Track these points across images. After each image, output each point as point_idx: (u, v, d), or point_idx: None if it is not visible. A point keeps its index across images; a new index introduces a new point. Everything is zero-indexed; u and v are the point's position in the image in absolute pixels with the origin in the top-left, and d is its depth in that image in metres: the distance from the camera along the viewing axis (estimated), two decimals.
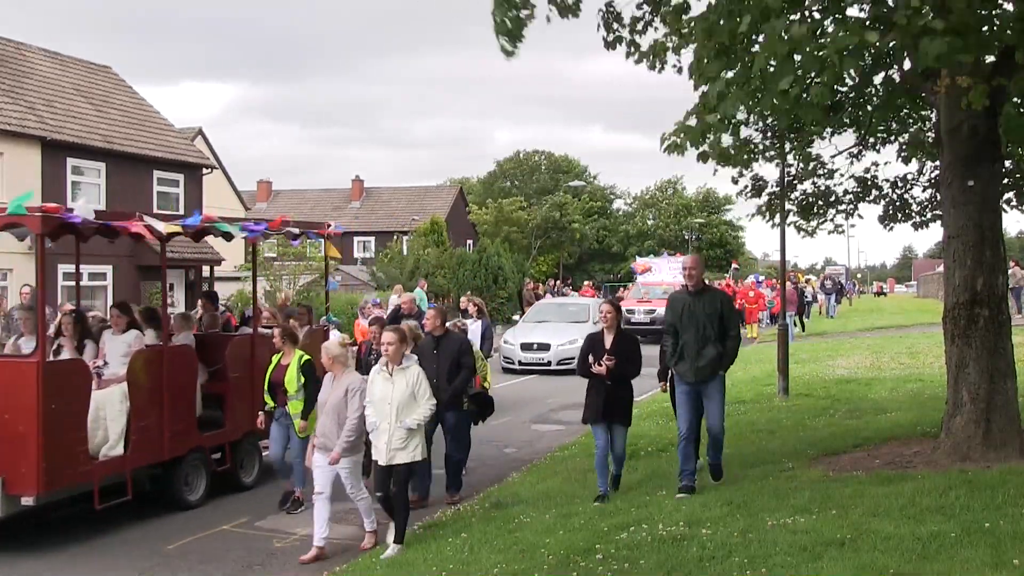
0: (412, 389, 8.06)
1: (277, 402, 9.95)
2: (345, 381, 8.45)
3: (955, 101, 8.58)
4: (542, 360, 22.50)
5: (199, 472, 10.37)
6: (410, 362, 8.22)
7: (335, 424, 8.30)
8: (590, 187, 74.24)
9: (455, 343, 10.07)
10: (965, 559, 6.02)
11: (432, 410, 8.26)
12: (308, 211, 58.91)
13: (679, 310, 8.92)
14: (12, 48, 29.09)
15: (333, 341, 8.96)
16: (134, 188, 28.98)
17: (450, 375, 9.79)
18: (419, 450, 8.10)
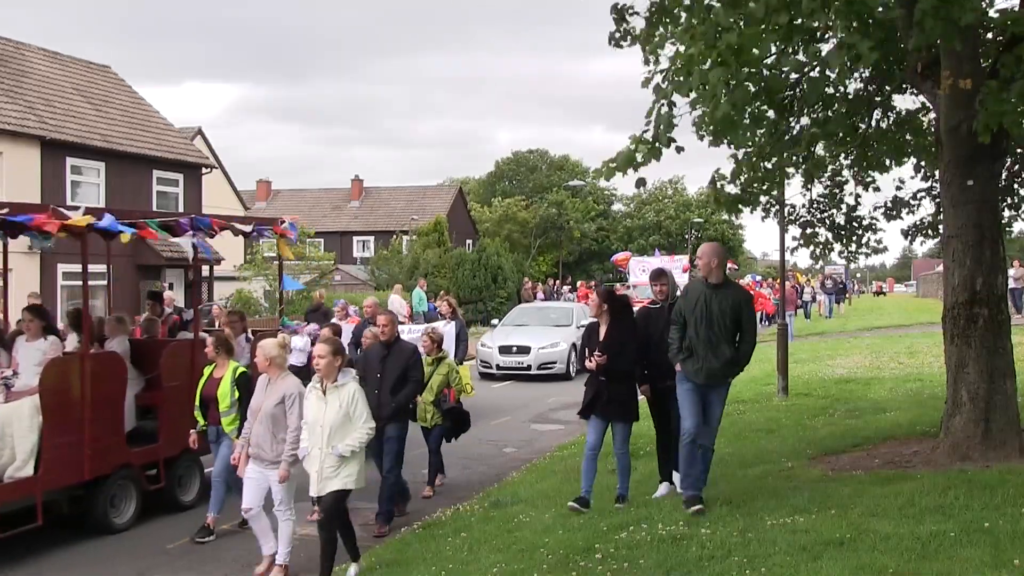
0: (347, 410, 7.28)
1: (208, 419, 9.18)
2: (282, 386, 7.85)
3: (954, 101, 8.61)
4: (521, 364, 21.52)
5: (127, 492, 9.52)
6: (346, 379, 7.41)
7: (268, 433, 7.72)
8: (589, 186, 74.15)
9: (404, 354, 9.31)
10: (964, 559, 6.03)
11: (370, 434, 7.43)
12: (307, 211, 58.93)
13: (693, 301, 8.05)
14: (12, 48, 29.11)
15: (270, 341, 8.14)
16: (133, 188, 29.01)
17: (395, 388, 9.10)
18: (353, 478, 7.33)
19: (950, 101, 8.72)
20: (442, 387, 10.39)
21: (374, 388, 8.84)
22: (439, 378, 10.36)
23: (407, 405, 9.32)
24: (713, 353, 7.91)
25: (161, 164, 30.47)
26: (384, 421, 8.85)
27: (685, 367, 8.05)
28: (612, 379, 8.40)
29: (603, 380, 8.40)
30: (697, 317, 7.96)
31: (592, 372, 8.48)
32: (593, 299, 8.83)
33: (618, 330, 8.55)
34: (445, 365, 10.51)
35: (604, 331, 8.56)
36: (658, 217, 75.83)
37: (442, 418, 10.31)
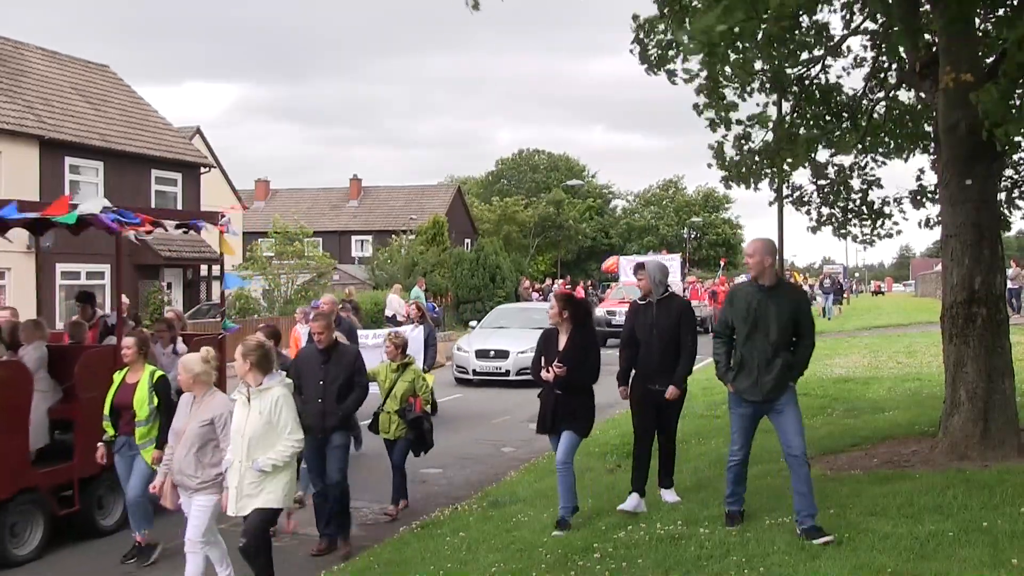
0: (269, 418, 6.49)
1: (119, 430, 8.26)
2: (211, 407, 6.94)
3: (953, 99, 8.61)
4: (499, 369, 20.27)
5: (31, 518, 8.40)
6: (272, 382, 6.60)
7: (193, 457, 6.82)
8: (588, 185, 74.22)
9: (347, 358, 8.56)
10: (963, 558, 6.03)
11: (297, 447, 6.64)
12: (306, 210, 58.87)
13: (744, 308, 7.05)
14: (10, 47, 29.10)
15: (193, 356, 7.10)
16: (132, 187, 29.00)
17: (341, 395, 8.38)
18: (277, 496, 6.58)
19: (948, 100, 8.73)
20: (407, 395, 9.65)
21: (316, 397, 8.28)
22: (404, 385, 9.66)
23: (354, 413, 8.66)
24: (768, 366, 6.96)
25: (160, 163, 30.48)
26: (329, 432, 8.31)
27: (737, 386, 7.12)
28: (568, 392, 7.82)
29: (558, 393, 7.82)
30: (750, 327, 6.98)
31: (547, 384, 7.87)
32: (551, 304, 8.11)
33: (580, 339, 7.94)
34: (410, 372, 9.80)
35: (564, 340, 7.92)
36: (657, 220, 75.85)
37: (407, 430, 9.58)
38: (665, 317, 8.25)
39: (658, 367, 8.15)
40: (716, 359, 7.36)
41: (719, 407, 14.49)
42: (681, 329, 8.29)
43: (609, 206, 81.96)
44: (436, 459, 12.29)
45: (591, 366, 7.93)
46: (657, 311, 8.27)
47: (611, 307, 30.96)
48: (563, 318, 7.96)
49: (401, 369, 9.81)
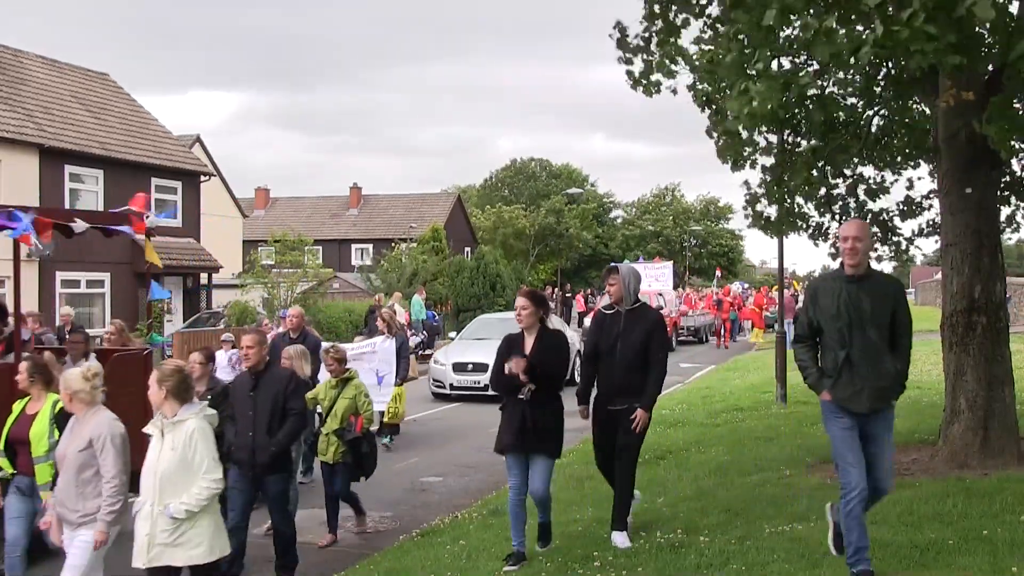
0: (183, 454, 5.56)
1: (17, 466, 7.11)
2: (89, 426, 5.98)
3: (952, 109, 8.63)
4: (477, 383, 19.13)
5: None
6: (188, 413, 5.68)
7: (72, 486, 5.91)
8: (587, 193, 74.24)
9: (279, 381, 7.52)
10: (963, 566, 6.03)
11: (215, 488, 5.62)
12: (305, 218, 58.99)
13: (833, 303, 6.07)
14: (10, 55, 29.15)
15: (74, 372, 6.22)
16: (132, 195, 28.94)
17: (272, 426, 7.36)
18: (203, 547, 5.63)
19: (948, 110, 8.75)
20: (348, 414, 8.88)
21: (247, 430, 7.36)
22: (344, 403, 8.91)
23: (289, 447, 7.59)
24: (876, 368, 5.97)
25: (159, 172, 30.49)
26: (261, 470, 7.36)
27: (837, 394, 6.03)
28: (539, 402, 6.98)
29: (524, 402, 6.95)
30: (844, 323, 6.01)
31: (511, 394, 7.04)
32: (523, 304, 7.15)
33: (549, 341, 7.15)
34: (352, 387, 9.03)
35: (532, 343, 7.10)
36: (656, 227, 75.90)
37: (345, 452, 8.80)
38: (633, 329, 7.29)
39: (621, 385, 7.23)
40: (802, 365, 6.31)
41: (719, 415, 14.51)
42: (651, 344, 7.26)
43: (610, 215, 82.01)
44: (436, 468, 12.31)
45: (561, 374, 7.22)
46: (625, 322, 7.33)
47: None
48: (536, 317, 7.15)
49: (341, 385, 9.06)
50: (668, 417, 14.72)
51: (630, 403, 7.21)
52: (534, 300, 7.20)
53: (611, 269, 7.62)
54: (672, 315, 31.19)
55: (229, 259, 36.59)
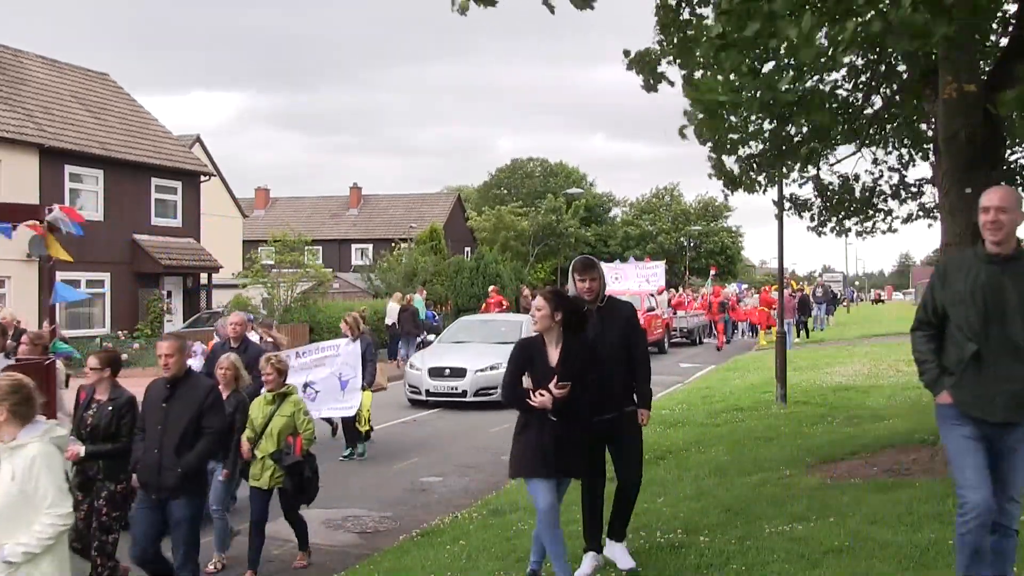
0: (23, 485, 4.73)
1: None
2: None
3: (952, 109, 8.64)
4: (455, 389, 18.04)
5: None
6: (28, 436, 4.83)
7: None
8: (587, 193, 74.20)
9: (196, 393, 6.61)
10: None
11: (60, 524, 4.74)
12: (305, 218, 59.01)
13: (963, 285, 5.06)
14: (10, 55, 29.16)
15: None
16: (132, 195, 29.04)
17: (184, 444, 6.47)
18: None
19: (948, 109, 8.76)
20: (286, 433, 7.89)
21: (154, 446, 6.53)
22: (281, 421, 7.90)
23: (200, 468, 6.70)
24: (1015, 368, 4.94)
25: (159, 172, 30.51)
26: (167, 493, 6.51)
27: (959, 396, 5.07)
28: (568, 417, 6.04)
29: (555, 422, 6.00)
30: (977, 312, 4.98)
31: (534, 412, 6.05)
32: (539, 305, 6.19)
33: (578, 351, 6.17)
34: (290, 404, 8.02)
35: (558, 352, 6.12)
36: (654, 228, 75.89)
37: (283, 477, 7.83)
38: (611, 327, 6.63)
39: (605, 390, 6.43)
40: (920, 358, 5.31)
41: (719, 415, 14.51)
42: (632, 339, 6.71)
43: (609, 215, 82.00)
44: (436, 468, 12.31)
45: (591, 385, 6.16)
46: (600, 320, 6.59)
47: None
48: (555, 321, 6.12)
49: (279, 400, 8.03)
50: (668, 417, 14.72)
51: (616, 409, 6.57)
52: (550, 300, 6.16)
53: (587, 263, 6.75)
54: (664, 316, 30.81)
55: (229, 259, 36.60)
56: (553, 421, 6.00)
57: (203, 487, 7.00)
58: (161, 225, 30.32)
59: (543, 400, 5.94)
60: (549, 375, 6.02)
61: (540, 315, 6.16)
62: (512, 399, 6.25)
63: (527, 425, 6.17)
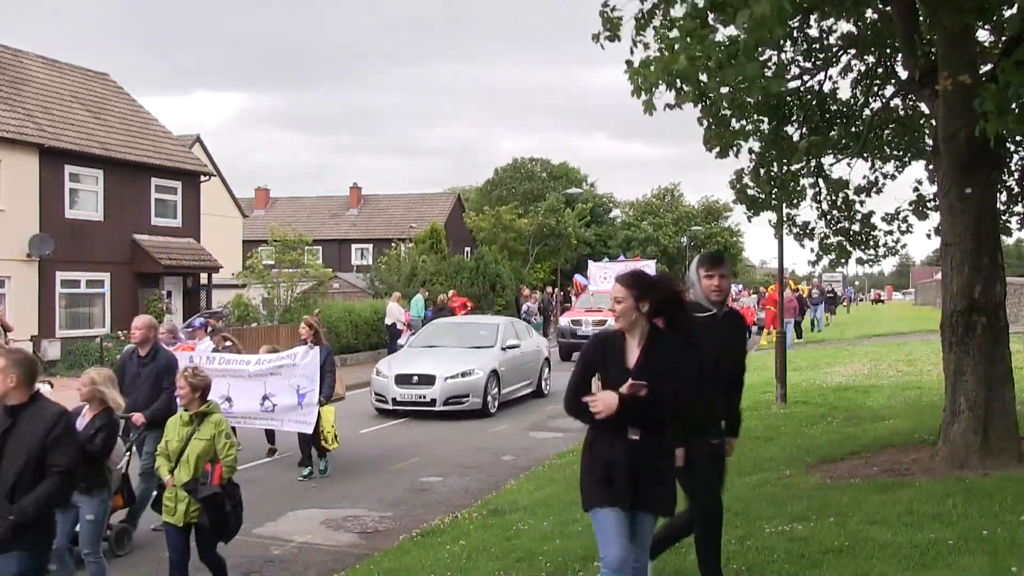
0: None
1: None
2: None
3: (952, 108, 8.64)
4: (423, 398, 16.77)
5: None
6: None
7: None
8: (587, 193, 74.17)
9: (40, 423, 5.25)
10: (963, 567, 6.03)
11: None
12: (305, 218, 59.01)
13: None
14: (10, 55, 29.15)
15: None
16: (132, 195, 29.02)
17: (19, 487, 5.17)
18: None
19: (947, 109, 8.76)
20: (204, 459, 6.79)
21: None
22: (200, 445, 6.80)
23: (39, 515, 5.21)
24: None
25: (160, 172, 30.48)
26: None
27: None
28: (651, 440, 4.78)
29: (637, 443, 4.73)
30: None
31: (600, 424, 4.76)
32: (619, 295, 4.86)
33: (670, 351, 4.81)
34: (210, 425, 6.88)
35: (637, 349, 4.84)
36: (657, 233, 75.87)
37: (199, 511, 6.70)
38: (731, 338, 5.91)
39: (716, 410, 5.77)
40: None
41: None
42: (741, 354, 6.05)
43: (609, 215, 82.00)
44: (436, 467, 12.31)
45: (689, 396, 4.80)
46: (722, 328, 5.76)
47: (576, 316, 29.09)
48: (641, 313, 4.80)
49: (197, 421, 6.91)
50: None
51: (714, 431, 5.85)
52: (633, 286, 4.82)
53: (717, 257, 5.91)
54: None
55: (229, 259, 36.58)
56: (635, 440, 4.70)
57: (45, 538, 5.46)
58: (161, 225, 30.31)
59: (606, 400, 4.62)
60: (623, 379, 4.70)
61: (621, 308, 4.82)
62: (576, 407, 4.88)
63: (595, 441, 4.93)
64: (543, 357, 20.09)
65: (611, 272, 33.40)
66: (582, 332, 27.34)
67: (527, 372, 19.17)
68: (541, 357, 20.05)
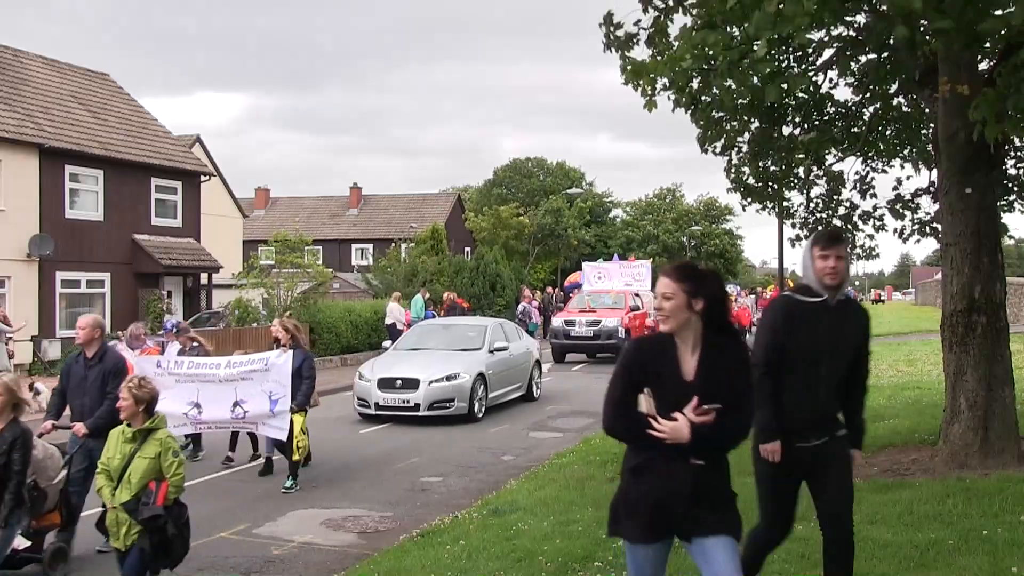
0: None
1: None
2: None
3: (952, 109, 8.65)
4: (406, 403, 16.11)
5: None
6: None
7: None
8: (587, 193, 74.22)
9: None
10: (963, 567, 6.03)
11: None
12: (305, 218, 58.97)
13: None
14: (10, 55, 29.15)
15: None
16: (132, 195, 29.03)
17: None
18: None
19: (947, 109, 8.77)
20: (148, 479, 6.28)
21: None
22: (143, 464, 6.29)
23: None
24: None
25: (160, 172, 30.49)
26: None
27: None
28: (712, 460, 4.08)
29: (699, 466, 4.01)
30: None
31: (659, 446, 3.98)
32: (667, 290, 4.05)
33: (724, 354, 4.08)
34: (154, 442, 6.36)
35: (692, 357, 4.06)
36: (657, 230, 75.91)
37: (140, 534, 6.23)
38: (846, 330, 5.07)
39: (824, 410, 5.11)
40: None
41: None
42: (864, 352, 5.22)
43: (609, 215, 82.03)
44: (436, 467, 12.31)
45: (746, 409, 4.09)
46: (836, 319, 5.02)
47: (570, 316, 27.85)
48: (693, 312, 4.01)
49: (141, 438, 6.39)
50: None
51: (830, 436, 5.13)
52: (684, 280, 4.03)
53: (835, 235, 5.25)
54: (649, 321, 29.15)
55: (229, 259, 36.58)
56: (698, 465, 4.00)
57: None
58: (161, 225, 30.31)
59: (676, 429, 3.90)
60: (682, 394, 3.98)
61: (670, 306, 4.02)
62: (621, 426, 4.13)
63: (646, 468, 4.08)
64: (533, 359, 19.58)
65: (605, 272, 33.49)
66: (576, 333, 27.03)
67: (516, 375, 18.60)
68: (531, 359, 19.50)
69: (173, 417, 10.35)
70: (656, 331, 4.15)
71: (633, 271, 33.32)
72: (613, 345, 26.09)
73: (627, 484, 4.22)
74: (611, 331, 26.53)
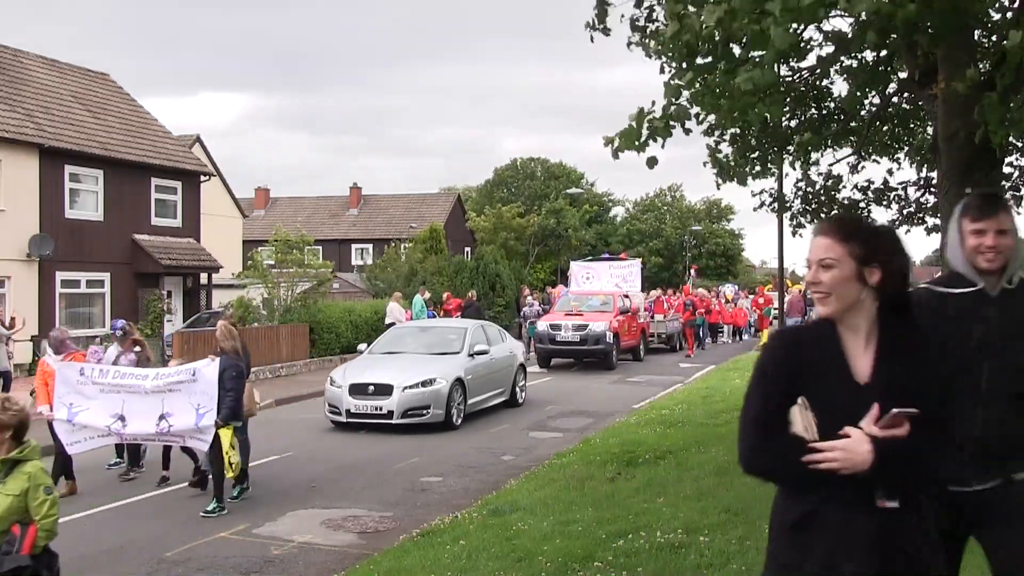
0: None
1: None
2: None
3: (952, 109, 8.64)
4: (379, 410, 15.27)
5: None
6: None
7: None
8: (587, 193, 74.23)
9: None
10: (962, 566, 6.02)
11: None
12: (305, 218, 58.99)
13: None
14: (9, 55, 29.15)
15: None
16: (132, 195, 29.03)
17: None
18: None
19: (947, 109, 8.77)
20: (11, 520, 5.08)
21: None
22: (7, 502, 5.07)
23: None
24: None
25: (159, 172, 30.49)
26: None
27: None
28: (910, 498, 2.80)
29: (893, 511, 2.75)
30: None
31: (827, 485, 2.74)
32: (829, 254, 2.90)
33: (912, 357, 2.88)
34: (21, 477, 5.12)
35: (872, 355, 2.87)
36: (658, 223, 75.94)
37: None
38: (1016, 329, 3.59)
39: (1001, 434, 3.52)
40: None
41: (719, 415, 14.52)
42: None
43: (609, 214, 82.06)
44: (436, 467, 12.31)
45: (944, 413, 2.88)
46: (1004, 312, 3.61)
47: (555, 320, 26.07)
48: (865, 284, 2.88)
49: (5, 470, 5.16)
50: (668, 417, 14.72)
51: (1005, 478, 3.53)
52: (852, 237, 2.91)
53: (990, 199, 3.86)
54: (641, 320, 28.48)
55: (229, 259, 36.59)
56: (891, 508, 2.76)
57: None
58: (161, 225, 30.31)
59: (850, 449, 2.71)
60: (856, 402, 2.81)
61: (832, 277, 2.89)
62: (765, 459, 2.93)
63: (813, 523, 2.81)
64: (517, 363, 18.65)
65: (594, 272, 31.53)
66: (561, 337, 25.23)
67: (498, 380, 17.66)
68: (515, 363, 18.55)
69: (96, 429, 10.33)
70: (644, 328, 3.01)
71: (623, 271, 31.66)
72: (601, 350, 25.04)
73: (784, 551, 2.89)
74: (599, 335, 24.99)
